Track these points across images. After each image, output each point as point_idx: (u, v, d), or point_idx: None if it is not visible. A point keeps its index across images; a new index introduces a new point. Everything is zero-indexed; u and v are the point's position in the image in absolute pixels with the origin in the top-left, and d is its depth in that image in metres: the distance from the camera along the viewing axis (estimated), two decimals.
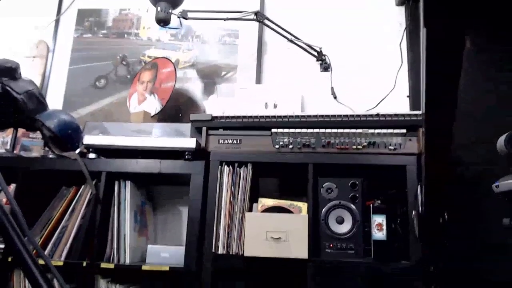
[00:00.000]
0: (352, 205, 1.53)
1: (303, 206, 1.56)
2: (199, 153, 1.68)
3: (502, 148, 1.13)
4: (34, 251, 0.71)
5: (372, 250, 1.48)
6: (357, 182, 1.55)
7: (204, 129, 1.68)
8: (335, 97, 2.11)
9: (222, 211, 1.57)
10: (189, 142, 1.67)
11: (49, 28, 2.44)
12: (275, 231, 1.48)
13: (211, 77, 2.26)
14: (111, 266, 1.61)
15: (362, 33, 2.20)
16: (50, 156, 1.83)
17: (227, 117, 1.69)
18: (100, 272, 1.65)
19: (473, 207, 1.67)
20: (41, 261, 0.67)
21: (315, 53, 2.09)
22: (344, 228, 1.52)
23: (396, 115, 1.58)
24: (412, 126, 1.56)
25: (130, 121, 2.11)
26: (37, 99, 1.81)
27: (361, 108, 1.99)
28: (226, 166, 1.61)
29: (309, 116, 1.63)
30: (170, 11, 1.86)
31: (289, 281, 1.79)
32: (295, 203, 1.57)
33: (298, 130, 1.61)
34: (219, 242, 1.54)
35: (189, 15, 1.95)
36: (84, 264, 1.60)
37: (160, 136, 1.76)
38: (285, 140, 1.62)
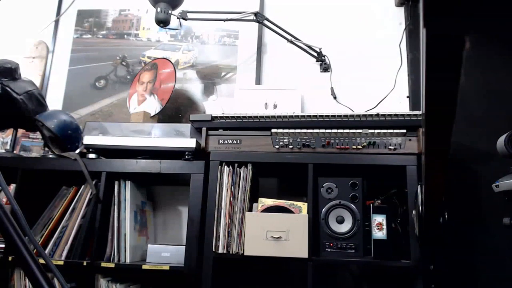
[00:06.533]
0: (352, 205, 1.53)
1: (303, 206, 1.56)
2: (199, 153, 1.68)
3: (502, 149, 1.13)
4: (35, 250, 0.72)
5: (372, 249, 1.48)
6: (357, 182, 1.55)
7: (204, 129, 1.68)
8: (335, 97, 2.11)
9: (222, 210, 1.57)
10: (189, 142, 1.67)
11: (48, 29, 2.44)
12: (275, 231, 1.48)
13: (210, 77, 2.26)
14: (112, 265, 1.61)
15: (362, 33, 2.20)
16: (50, 156, 1.83)
17: (227, 117, 1.69)
18: (100, 271, 1.65)
19: (472, 207, 1.67)
20: (41, 261, 0.67)
21: (315, 54, 2.10)
22: (344, 227, 1.52)
23: (396, 115, 1.59)
24: (412, 126, 1.56)
25: (130, 121, 2.11)
26: (37, 99, 1.82)
27: (361, 108, 1.99)
28: (226, 166, 1.61)
29: (309, 116, 1.63)
30: (169, 12, 1.86)
31: (289, 280, 1.79)
32: (295, 203, 1.57)
33: (298, 130, 1.61)
34: (219, 242, 1.54)
35: (189, 15, 1.95)
36: (85, 263, 1.61)
37: (160, 137, 1.76)
38: (285, 140, 1.62)
